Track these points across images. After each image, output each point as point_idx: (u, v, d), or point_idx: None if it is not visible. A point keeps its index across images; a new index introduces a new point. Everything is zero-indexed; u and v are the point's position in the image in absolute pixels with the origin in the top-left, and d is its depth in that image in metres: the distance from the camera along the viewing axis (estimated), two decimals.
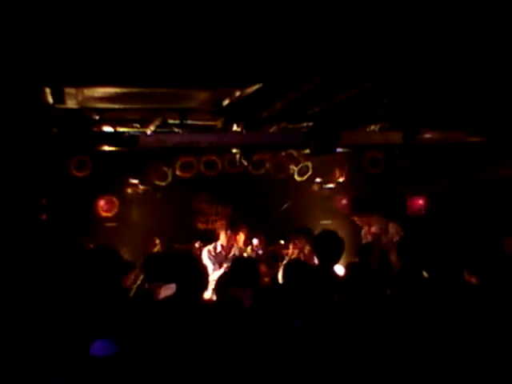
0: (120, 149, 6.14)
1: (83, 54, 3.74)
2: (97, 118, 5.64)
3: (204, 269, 3.99)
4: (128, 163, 6.87)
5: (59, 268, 3.96)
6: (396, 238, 5.15)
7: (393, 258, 4.49)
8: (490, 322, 3.14)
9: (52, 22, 3.17)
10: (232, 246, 6.42)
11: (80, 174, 6.76)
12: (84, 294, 3.13)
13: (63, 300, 3.26)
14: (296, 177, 7.58)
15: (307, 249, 6.06)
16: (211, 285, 4.47)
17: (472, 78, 4.59)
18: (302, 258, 5.99)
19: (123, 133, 6.10)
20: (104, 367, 2.29)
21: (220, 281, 4.47)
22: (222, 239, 6.45)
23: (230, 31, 3.46)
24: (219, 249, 6.41)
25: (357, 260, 4.91)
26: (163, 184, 7.33)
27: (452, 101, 5.33)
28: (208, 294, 4.78)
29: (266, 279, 5.53)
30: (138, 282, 4.92)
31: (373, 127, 6.44)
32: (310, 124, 6.05)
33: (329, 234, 4.63)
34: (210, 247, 6.43)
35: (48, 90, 4.51)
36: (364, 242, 5.79)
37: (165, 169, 7.28)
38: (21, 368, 2.81)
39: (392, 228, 5.79)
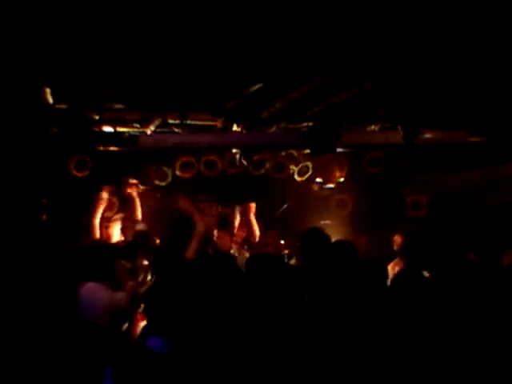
0: (120, 149, 6.15)
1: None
2: (97, 118, 5.65)
3: None
4: (128, 163, 6.86)
5: (59, 268, 3.95)
6: None
7: None
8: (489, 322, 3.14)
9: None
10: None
11: (80, 174, 6.75)
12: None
13: (63, 299, 3.26)
14: (296, 177, 7.56)
15: None
16: None
17: (472, 77, 4.60)
18: None
19: (123, 133, 6.10)
20: (154, 363, 2.25)
21: None
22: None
23: (230, 32, 3.46)
24: None
25: None
26: (163, 184, 7.31)
27: (452, 100, 5.33)
28: None
29: None
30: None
31: (373, 127, 6.44)
32: (310, 124, 6.05)
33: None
34: None
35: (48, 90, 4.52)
36: None
37: (165, 169, 7.26)
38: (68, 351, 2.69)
39: None
